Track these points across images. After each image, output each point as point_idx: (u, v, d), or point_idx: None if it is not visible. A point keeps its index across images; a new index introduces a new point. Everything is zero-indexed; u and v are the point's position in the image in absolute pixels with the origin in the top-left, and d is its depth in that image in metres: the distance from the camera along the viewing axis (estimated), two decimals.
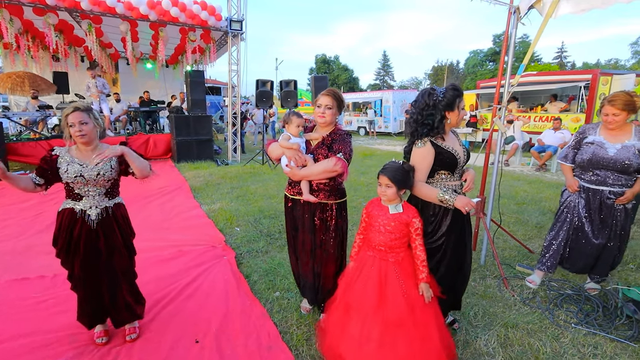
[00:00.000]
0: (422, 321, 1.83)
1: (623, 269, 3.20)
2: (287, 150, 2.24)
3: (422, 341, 1.79)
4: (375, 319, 1.82)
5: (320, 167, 2.17)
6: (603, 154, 2.53)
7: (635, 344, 2.19)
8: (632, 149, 2.45)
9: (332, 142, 2.24)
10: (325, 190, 2.27)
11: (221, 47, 10.81)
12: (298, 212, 2.36)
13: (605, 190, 2.59)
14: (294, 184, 2.34)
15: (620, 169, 2.49)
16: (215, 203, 5.28)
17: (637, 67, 43.76)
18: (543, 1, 2.75)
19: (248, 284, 2.94)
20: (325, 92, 2.27)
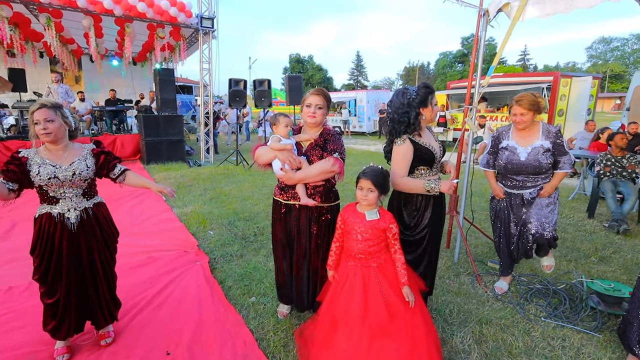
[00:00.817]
0: (410, 323, 1.81)
1: (586, 261, 3.36)
2: (279, 153, 2.13)
3: (412, 344, 1.77)
4: (362, 329, 1.78)
5: (317, 168, 2.10)
6: (516, 159, 2.58)
7: (600, 335, 2.29)
8: (540, 149, 2.52)
9: (325, 142, 2.18)
10: (321, 193, 2.20)
11: (192, 45, 10.49)
12: (293, 219, 2.25)
13: (526, 192, 2.65)
14: (286, 189, 2.23)
15: (533, 171, 2.56)
16: (187, 206, 5.11)
17: (592, 70, 46.59)
18: (511, 5, 2.84)
19: (222, 289, 2.84)
20: (315, 92, 2.19)
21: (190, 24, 8.51)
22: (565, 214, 4.72)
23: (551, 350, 2.16)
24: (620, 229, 4.01)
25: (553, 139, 2.52)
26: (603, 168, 4.41)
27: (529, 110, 2.48)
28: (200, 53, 9.12)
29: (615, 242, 3.80)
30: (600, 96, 38.70)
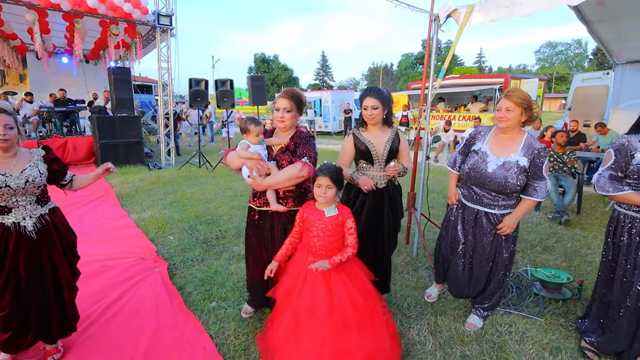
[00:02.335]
0: (371, 316, 1.88)
1: (532, 251, 3.62)
2: (247, 161, 2.11)
3: (374, 336, 1.84)
4: (328, 324, 1.82)
5: (285, 174, 2.07)
6: (482, 168, 2.15)
7: (542, 319, 2.48)
8: (514, 166, 2.08)
9: (296, 146, 2.14)
10: (293, 197, 2.17)
11: (150, 43, 10.07)
12: (267, 225, 2.22)
13: (481, 210, 2.24)
14: (259, 195, 2.21)
15: (495, 188, 2.13)
16: (145, 211, 4.91)
17: (540, 72, 49.93)
18: (459, 11, 2.99)
19: (182, 296, 2.77)
20: (282, 94, 2.13)
21: (146, 21, 8.17)
22: None
23: (499, 336, 2.30)
24: (562, 219, 4.35)
25: (532, 157, 2.08)
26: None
27: (518, 106, 2.05)
28: (158, 52, 8.79)
29: (557, 232, 4.11)
30: (547, 97, 41.67)
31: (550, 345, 2.21)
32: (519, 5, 2.60)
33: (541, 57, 57.59)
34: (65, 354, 2.12)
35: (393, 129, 2.36)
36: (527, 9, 2.56)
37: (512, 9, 2.65)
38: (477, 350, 2.17)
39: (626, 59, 6.57)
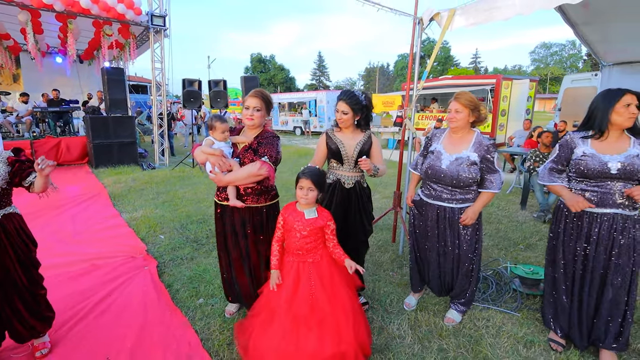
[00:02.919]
0: (336, 317, 1.91)
1: (515, 249, 3.70)
2: (210, 157, 2.17)
3: (338, 336, 1.88)
4: (288, 318, 1.89)
5: (245, 171, 2.14)
6: (437, 165, 2.30)
7: (518, 313, 2.56)
8: (465, 161, 2.23)
9: (259, 145, 2.22)
10: (254, 194, 2.25)
11: (144, 43, 10.10)
12: (228, 218, 2.31)
13: (441, 205, 2.34)
14: (222, 189, 2.29)
15: (450, 182, 2.27)
16: (137, 210, 4.95)
17: (535, 72, 50.26)
18: (441, 15, 3.06)
19: (170, 293, 2.82)
20: (253, 94, 2.22)
21: (139, 21, 8.20)
22: (502, 207, 5.14)
23: (476, 330, 2.38)
24: (546, 218, 4.44)
25: (483, 153, 2.24)
26: (532, 164, 4.85)
27: (465, 107, 2.23)
28: (151, 52, 8.81)
29: (541, 231, 4.20)
30: (542, 97, 41.97)
31: (524, 338, 2.29)
32: (498, 10, 2.67)
33: (536, 58, 57.97)
34: (53, 349, 2.17)
35: (366, 132, 2.42)
36: (505, 13, 2.63)
37: (491, 12, 2.72)
38: (454, 344, 2.24)
39: (613, 61, 6.66)
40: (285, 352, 1.84)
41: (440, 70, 53.84)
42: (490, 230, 4.21)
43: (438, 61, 57.26)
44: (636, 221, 1.95)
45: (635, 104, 1.89)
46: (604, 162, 1.92)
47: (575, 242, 2.08)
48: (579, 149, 2.03)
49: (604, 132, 1.97)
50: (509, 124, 10.40)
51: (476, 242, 2.35)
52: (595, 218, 1.99)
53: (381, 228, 4.23)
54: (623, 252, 1.95)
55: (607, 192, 1.94)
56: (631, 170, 1.88)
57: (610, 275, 1.99)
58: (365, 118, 2.41)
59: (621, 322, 2.02)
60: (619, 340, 2.04)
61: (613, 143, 1.97)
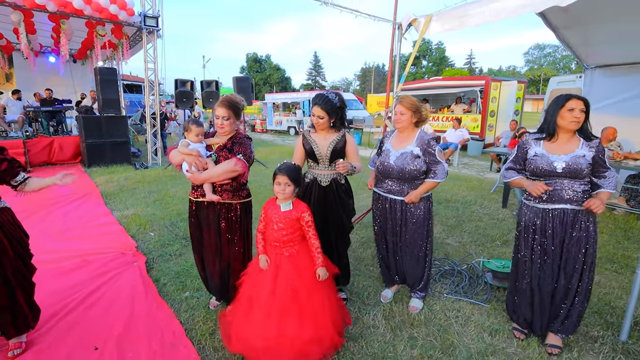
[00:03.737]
0: (313, 307, 2.07)
1: (492, 245, 3.85)
2: (186, 157, 2.30)
3: (314, 323, 2.03)
4: (271, 308, 2.02)
5: (221, 168, 2.27)
6: (386, 161, 2.55)
7: (488, 305, 2.70)
8: (409, 155, 2.47)
9: (233, 145, 2.36)
10: (229, 190, 2.37)
11: (137, 43, 10.17)
12: (202, 214, 2.43)
13: (393, 198, 2.58)
14: (196, 187, 2.41)
15: (397, 176, 2.50)
16: (129, 209, 5.05)
17: (529, 74, 50.70)
18: (418, 20, 3.20)
19: (157, 287, 2.94)
20: (220, 103, 2.32)
21: (132, 22, 8.27)
22: (485, 205, 5.29)
23: (446, 320, 2.52)
24: None
25: (424, 147, 2.48)
26: None
27: (408, 109, 2.47)
28: (144, 52, 8.88)
29: None
30: (536, 98, 42.37)
31: (490, 327, 2.44)
32: (469, 17, 2.82)
33: (530, 59, 58.55)
34: (41, 338, 2.28)
35: (341, 131, 2.55)
36: (475, 20, 2.78)
37: (463, 19, 2.87)
38: (424, 332, 2.38)
39: (594, 63, 6.85)
40: (266, 337, 1.98)
41: (435, 70, 54.19)
42: (470, 227, 4.37)
43: (433, 62, 57.62)
44: (588, 215, 2.10)
45: (579, 108, 2.03)
46: (551, 162, 2.09)
47: (533, 237, 2.23)
48: (532, 149, 2.20)
49: (553, 134, 2.13)
50: (498, 124, 10.59)
51: (427, 231, 2.58)
52: (548, 213, 2.16)
53: (366, 225, 4.36)
54: (574, 244, 2.11)
55: (556, 189, 2.11)
56: (575, 169, 2.04)
57: (562, 264, 2.15)
58: (340, 119, 2.53)
59: (569, 308, 2.18)
60: (565, 323, 2.20)
61: (563, 144, 2.13)
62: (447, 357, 2.16)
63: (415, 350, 2.21)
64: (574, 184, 2.08)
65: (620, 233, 4.23)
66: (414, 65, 56.22)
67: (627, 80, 6.26)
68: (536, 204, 2.20)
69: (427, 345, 2.26)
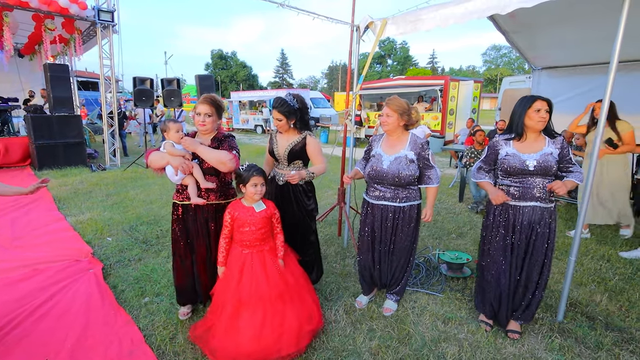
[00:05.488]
0: (300, 290, 2.27)
1: (448, 237, 4.06)
2: (173, 159, 2.20)
3: (302, 305, 2.22)
4: (267, 304, 2.09)
5: (217, 154, 2.18)
6: (379, 167, 2.46)
7: (442, 295, 2.86)
8: (404, 159, 2.41)
9: (220, 144, 2.30)
10: (215, 191, 2.32)
11: (91, 38, 9.64)
12: (191, 218, 2.35)
13: (387, 205, 2.48)
14: (182, 190, 2.33)
15: (392, 181, 2.42)
16: (84, 213, 4.82)
17: (487, 73, 53.25)
18: (375, 23, 3.31)
19: (115, 294, 2.85)
20: (203, 100, 2.27)
21: (85, 16, 7.83)
22: (443, 200, 5.56)
23: (404, 312, 2.64)
24: (478, 209, 4.89)
25: (419, 151, 2.43)
26: (468, 160, 5.29)
27: (395, 111, 2.41)
28: (99, 48, 8.45)
29: (473, 220, 4.63)
30: (493, 96, 44.59)
31: (444, 316, 2.59)
32: (421, 22, 2.95)
33: (487, 59, 61.50)
34: None
35: (303, 133, 2.56)
36: (427, 24, 2.92)
37: (415, 24, 3.00)
38: (382, 324, 2.49)
39: (541, 65, 7.35)
40: (255, 339, 2.02)
41: (400, 69, 55.57)
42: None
43: (398, 61, 59.03)
44: (552, 212, 2.26)
45: (545, 109, 2.17)
46: (523, 161, 2.20)
47: (503, 232, 2.33)
48: (503, 150, 2.30)
49: (521, 134, 2.25)
50: (457, 122, 11.09)
51: (415, 237, 2.59)
52: (518, 210, 2.27)
53: (330, 223, 4.45)
54: (539, 239, 2.25)
55: (528, 187, 2.23)
56: (546, 167, 2.18)
57: (527, 258, 2.29)
58: (301, 120, 2.55)
59: (530, 298, 2.34)
60: (526, 312, 2.37)
61: (531, 143, 2.25)
62: (403, 346, 2.28)
63: (373, 342, 2.30)
64: (543, 182, 2.21)
65: (562, 222, 4.59)
66: (380, 64, 57.37)
67: (570, 80, 6.77)
68: (507, 201, 2.29)
69: (385, 336, 2.36)
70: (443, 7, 2.79)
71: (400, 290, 2.69)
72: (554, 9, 3.67)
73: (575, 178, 2.20)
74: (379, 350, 2.22)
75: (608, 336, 2.35)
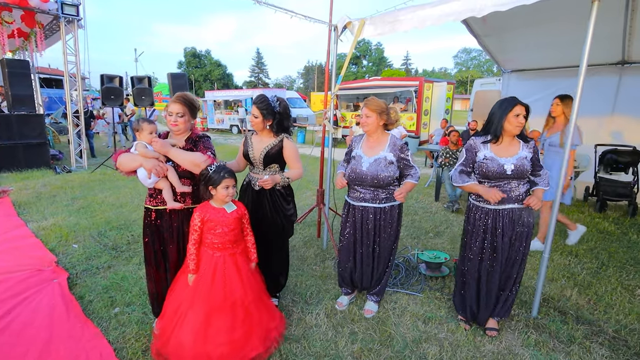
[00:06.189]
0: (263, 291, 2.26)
1: (426, 236, 4.12)
2: (147, 161, 2.08)
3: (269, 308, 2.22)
4: (242, 306, 2.04)
5: (191, 156, 2.10)
6: (359, 168, 2.46)
7: (421, 294, 2.88)
8: (383, 161, 2.42)
9: (195, 145, 2.21)
10: (191, 195, 2.22)
11: (54, 33, 9.12)
12: (166, 224, 2.24)
13: (367, 206, 2.49)
14: (155, 194, 2.22)
15: (371, 183, 2.42)
16: (47, 219, 4.53)
17: (458, 75, 54.92)
18: (353, 23, 3.29)
19: (82, 305, 2.68)
20: (175, 99, 2.18)
21: (47, 10, 7.39)
22: (420, 199, 5.65)
23: (385, 313, 2.64)
24: (454, 208, 4.99)
25: (398, 153, 2.44)
26: (443, 159, 5.40)
27: (374, 112, 2.42)
28: (63, 44, 7.99)
29: (449, 219, 4.72)
30: (465, 97, 46.06)
31: (424, 315, 2.60)
32: (399, 23, 2.96)
33: (458, 62, 63.45)
34: None
35: (279, 136, 2.47)
36: (405, 25, 2.92)
37: (394, 25, 3.00)
38: (363, 327, 2.47)
39: (510, 68, 7.62)
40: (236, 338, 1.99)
41: (375, 70, 56.30)
42: (406, 221, 4.62)
43: (373, 62, 59.79)
44: (530, 211, 2.31)
45: (523, 114, 2.21)
46: (502, 165, 2.23)
47: (483, 237, 2.35)
48: (480, 152, 2.32)
49: (499, 137, 2.28)
50: (431, 122, 11.33)
51: (396, 238, 2.58)
52: (498, 213, 2.29)
53: (309, 224, 4.40)
54: (518, 238, 2.29)
55: (505, 190, 2.25)
56: (522, 170, 2.22)
57: (507, 258, 2.32)
58: (278, 123, 2.45)
59: (507, 294, 2.39)
60: (502, 308, 2.41)
61: (507, 147, 2.28)
62: (385, 348, 2.26)
63: (355, 345, 2.28)
64: (519, 184, 2.26)
65: None
66: (355, 65, 57.90)
67: (537, 83, 7.06)
68: (487, 205, 2.31)
69: (367, 339, 2.34)
70: (421, 8, 2.80)
71: (380, 291, 2.69)
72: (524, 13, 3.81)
73: (541, 184, 2.29)
74: (361, 354, 2.20)
75: (579, 330, 2.44)
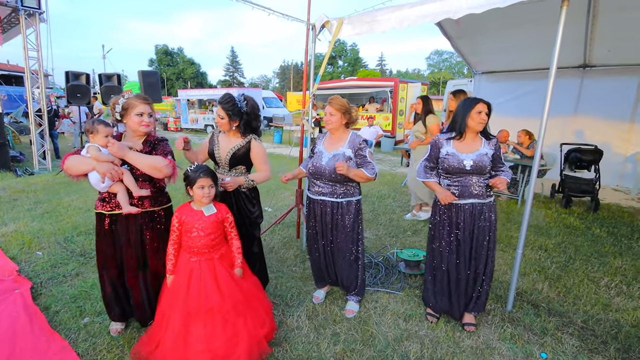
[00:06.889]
0: (254, 297, 2.16)
1: (404, 235, 4.17)
2: (100, 165, 1.99)
3: (257, 314, 2.11)
4: (219, 315, 1.94)
5: (151, 160, 2.04)
6: (318, 163, 2.53)
7: (402, 292, 2.91)
8: (342, 156, 2.46)
9: (153, 148, 2.15)
10: (149, 198, 2.16)
11: (13, 27, 8.57)
12: (122, 229, 2.15)
13: (325, 200, 2.54)
14: (109, 198, 2.12)
15: (329, 177, 2.48)
16: (7, 225, 4.25)
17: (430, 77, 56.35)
18: (331, 23, 3.28)
19: (47, 316, 2.52)
20: (143, 100, 2.12)
21: (5, 1, 6.94)
22: (397, 198, 5.72)
23: (366, 312, 2.64)
24: None
25: (356, 149, 2.50)
26: None
27: (338, 110, 2.48)
28: (23, 39, 7.52)
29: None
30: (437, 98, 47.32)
31: (405, 313, 2.63)
32: (377, 23, 2.97)
33: (431, 63, 65.11)
34: None
35: (247, 137, 2.42)
36: (383, 26, 2.94)
37: (372, 25, 3.01)
38: (345, 327, 2.46)
39: (481, 70, 7.87)
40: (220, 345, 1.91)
41: (350, 70, 56.78)
42: (385, 220, 4.67)
43: (349, 62, 60.28)
44: (491, 206, 2.38)
45: (485, 111, 2.29)
46: (461, 160, 2.31)
47: (448, 230, 2.42)
48: (444, 148, 2.40)
49: (462, 134, 2.36)
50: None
51: (357, 234, 2.59)
52: (460, 208, 2.37)
53: (287, 225, 4.36)
54: (481, 233, 2.36)
55: (466, 185, 2.34)
56: (481, 166, 2.29)
57: (473, 252, 2.39)
58: (245, 124, 2.39)
59: (479, 289, 2.45)
60: (477, 303, 2.48)
61: (469, 143, 2.37)
62: (367, 348, 2.26)
63: (338, 346, 2.26)
64: (479, 180, 2.33)
65: (504, 216, 4.94)
66: (331, 65, 58.17)
67: (506, 85, 7.34)
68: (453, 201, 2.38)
69: (349, 340, 2.33)
70: (399, 9, 2.83)
71: (360, 291, 2.69)
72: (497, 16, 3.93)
73: (506, 176, 2.37)
74: (344, 355, 2.19)
75: (551, 322, 2.54)
